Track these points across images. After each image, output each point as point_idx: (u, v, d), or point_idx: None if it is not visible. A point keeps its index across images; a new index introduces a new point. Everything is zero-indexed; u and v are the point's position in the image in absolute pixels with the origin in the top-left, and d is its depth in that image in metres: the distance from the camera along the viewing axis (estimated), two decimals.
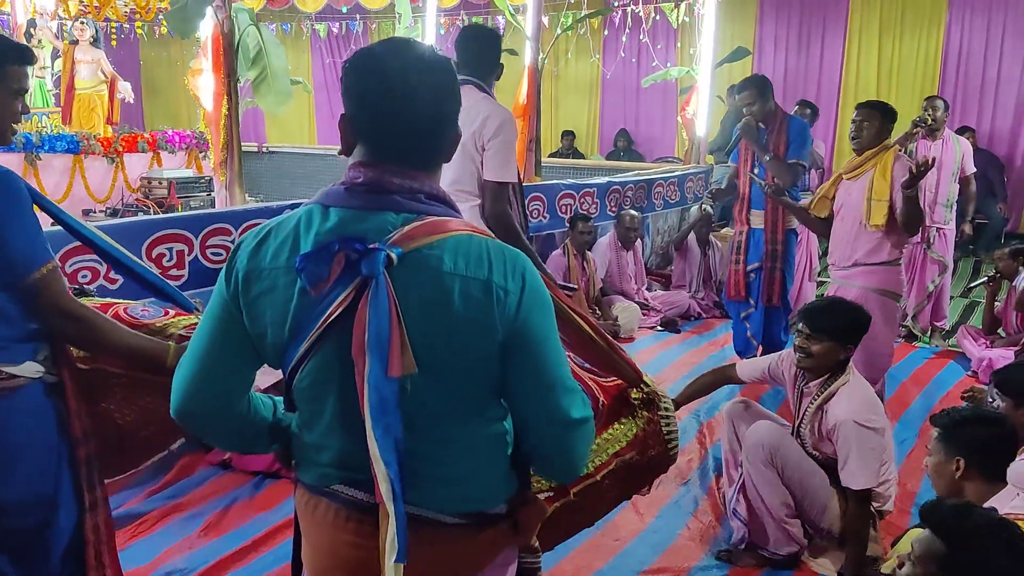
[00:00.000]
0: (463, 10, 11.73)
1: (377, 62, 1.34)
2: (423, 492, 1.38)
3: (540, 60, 7.20)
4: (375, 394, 1.26)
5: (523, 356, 1.35)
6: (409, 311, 1.27)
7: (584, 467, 1.56)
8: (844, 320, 3.07)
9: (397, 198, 1.33)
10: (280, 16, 12.89)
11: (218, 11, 4.86)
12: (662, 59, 10.53)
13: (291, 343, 1.33)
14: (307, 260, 1.27)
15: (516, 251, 1.37)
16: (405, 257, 1.28)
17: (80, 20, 8.73)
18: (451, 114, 1.39)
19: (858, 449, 2.90)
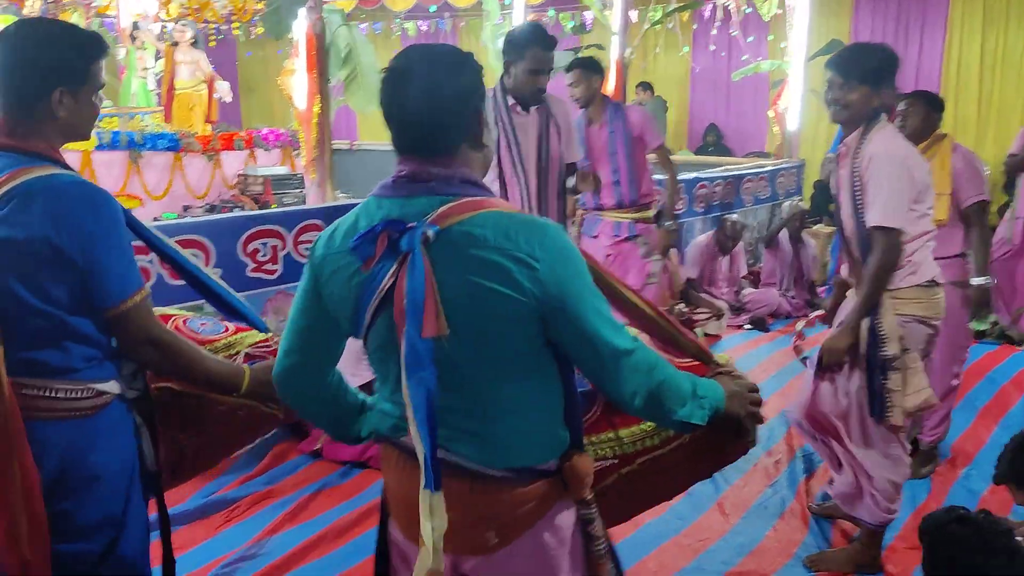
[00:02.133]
0: (551, 6, 11.73)
1: (388, 68, 1.55)
2: (472, 446, 1.54)
3: (627, 55, 7.14)
4: (410, 351, 1.42)
5: (562, 315, 1.47)
6: (446, 280, 1.43)
7: (638, 400, 1.54)
8: (874, 61, 2.91)
9: (433, 184, 1.50)
10: (371, 15, 13.10)
11: (311, 12, 4.98)
12: (753, 53, 10.33)
13: (357, 314, 1.53)
14: (358, 241, 1.48)
15: (545, 221, 1.52)
16: (441, 233, 1.44)
17: (181, 22, 9.03)
18: (452, 102, 1.51)
19: (888, 182, 2.78)
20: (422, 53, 1.56)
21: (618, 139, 4.60)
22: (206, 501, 3.56)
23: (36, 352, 1.82)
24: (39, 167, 1.81)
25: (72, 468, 1.86)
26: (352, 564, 3.14)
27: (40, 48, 1.84)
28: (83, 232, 1.78)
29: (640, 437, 1.81)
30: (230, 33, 12.29)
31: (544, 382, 1.58)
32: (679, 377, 1.59)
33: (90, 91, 1.90)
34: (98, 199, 1.82)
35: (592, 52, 10.60)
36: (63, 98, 1.84)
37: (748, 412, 1.73)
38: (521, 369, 1.53)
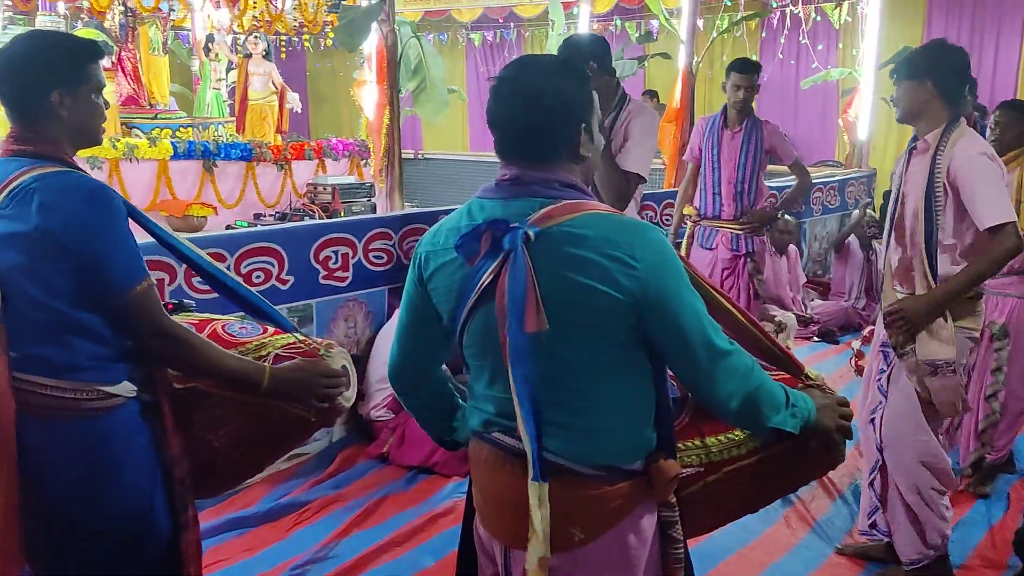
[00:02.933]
0: (616, 15, 11.73)
1: (496, 77, 1.61)
2: (564, 441, 1.58)
3: (695, 64, 7.11)
4: (513, 347, 1.50)
5: (659, 313, 1.51)
6: (546, 278, 1.49)
7: (734, 403, 1.56)
8: (941, 58, 2.87)
9: (535, 187, 1.57)
10: (437, 26, 13.26)
11: (382, 25, 5.07)
12: (822, 60, 10.19)
13: (457, 308, 1.62)
14: (463, 239, 1.55)
15: (644, 223, 1.58)
16: (542, 233, 1.51)
17: (253, 35, 9.26)
18: (550, 113, 1.56)
19: (988, 182, 2.74)
20: (528, 63, 1.64)
21: (750, 149, 4.59)
22: (276, 504, 3.63)
23: (40, 348, 1.85)
24: (42, 166, 1.88)
25: (85, 469, 1.88)
26: (420, 568, 3.18)
27: (35, 53, 1.92)
28: (80, 224, 1.81)
29: (727, 446, 1.79)
30: (300, 45, 12.56)
31: (637, 381, 1.62)
32: (773, 384, 1.62)
33: (89, 91, 1.95)
34: (95, 192, 1.85)
35: (657, 61, 10.59)
36: (63, 99, 1.91)
37: (838, 426, 1.73)
38: (615, 366, 1.57)
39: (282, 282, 3.90)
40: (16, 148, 1.93)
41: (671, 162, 6.93)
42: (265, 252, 3.84)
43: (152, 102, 8.55)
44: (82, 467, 1.89)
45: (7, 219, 1.83)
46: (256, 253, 3.80)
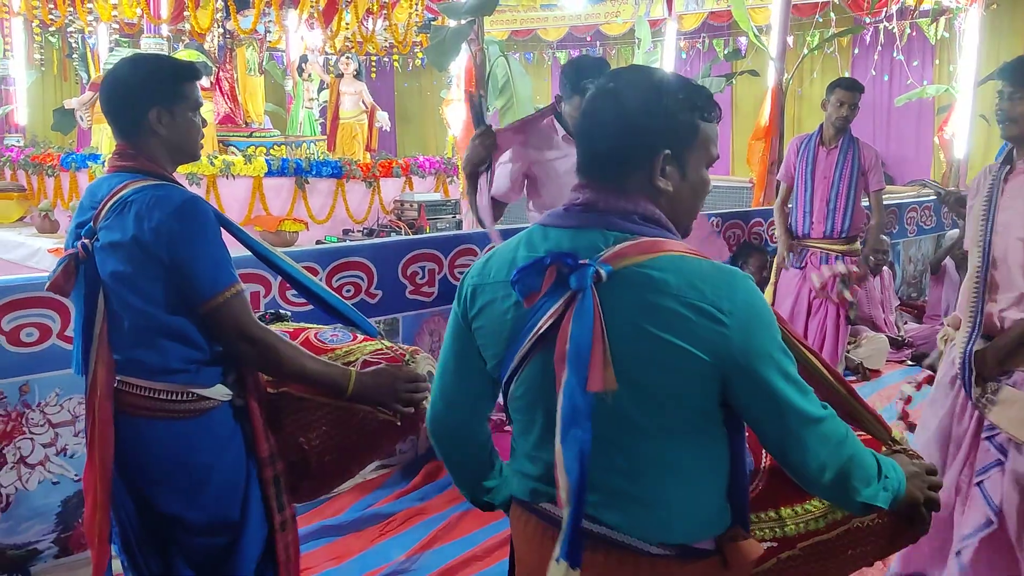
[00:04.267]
0: (704, 33, 11.65)
1: (595, 84, 1.44)
2: (627, 514, 1.38)
3: (785, 81, 7.00)
4: (568, 405, 1.28)
5: (748, 377, 1.32)
6: (617, 327, 1.29)
7: (826, 475, 1.37)
8: None
9: (611, 218, 1.37)
10: (523, 45, 13.38)
11: (471, 44, 5.13)
12: (917, 77, 9.93)
13: (507, 354, 1.41)
14: (522, 273, 1.34)
15: (735, 271, 1.36)
16: (615, 274, 1.30)
17: (345, 55, 9.48)
18: (634, 132, 1.38)
19: None
20: (624, 74, 1.45)
21: (846, 167, 4.53)
22: (362, 514, 3.68)
23: (137, 351, 1.95)
24: (141, 180, 1.98)
25: (177, 469, 1.98)
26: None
27: (134, 75, 2.04)
28: (169, 232, 1.90)
29: (804, 519, 1.64)
30: (390, 65, 12.81)
31: (713, 448, 1.43)
32: (865, 452, 1.43)
33: (186, 109, 2.06)
34: (185, 202, 1.93)
35: (746, 78, 10.47)
36: (160, 116, 2.01)
37: (927, 497, 1.55)
38: (689, 432, 1.38)
39: (371, 296, 3.97)
40: (120, 164, 2.05)
41: (759, 181, 6.83)
42: (355, 267, 3.92)
43: (248, 121, 8.82)
44: (177, 467, 1.98)
45: (107, 230, 1.95)
46: (347, 268, 3.88)
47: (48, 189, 7.83)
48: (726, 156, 13.73)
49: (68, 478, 3.16)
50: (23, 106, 9.57)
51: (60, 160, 7.70)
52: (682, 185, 1.41)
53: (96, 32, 9.27)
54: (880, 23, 9.29)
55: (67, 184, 7.62)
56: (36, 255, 6.73)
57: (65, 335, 3.06)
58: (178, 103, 2.04)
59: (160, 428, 1.96)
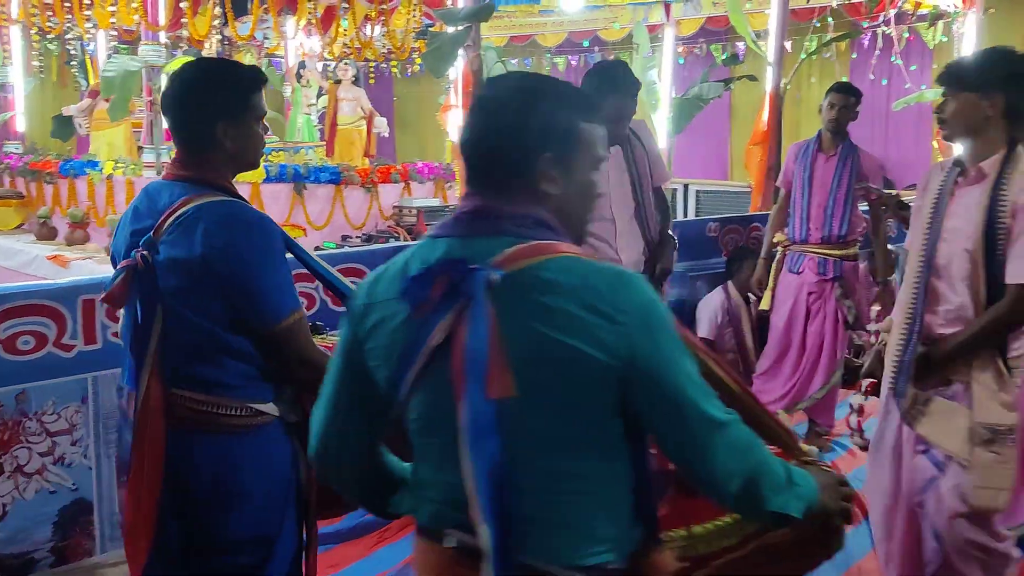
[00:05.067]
0: (702, 38, 11.66)
1: (474, 97, 1.44)
2: (536, 539, 1.30)
3: (783, 86, 7.01)
4: (473, 416, 1.24)
5: (648, 380, 1.28)
6: (513, 333, 1.25)
7: (733, 484, 1.31)
8: (985, 65, 2.54)
9: (501, 224, 1.34)
10: (522, 52, 13.38)
11: (468, 50, 5.14)
12: (916, 81, 9.93)
13: (401, 373, 1.33)
14: (411, 283, 1.30)
15: (630, 272, 1.34)
16: (508, 278, 1.26)
17: (343, 61, 9.51)
18: (511, 136, 1.35)
19: None
20: (501, 81, 1.44)
21: (845, 173, 4.52)
22: (360, 522, 3.66)
23: (194, 366, 1.94)
24: (206, 195, 1.96)
25: (223, 483, 1.96)
26: None
27: (201, 85, 2.02)
28: (237, 254, 1.90)
29: (716, 536, 1.58)
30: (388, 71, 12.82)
31: (615, 463, 1.36)
32: (774, 460, 1.37)
33: (251, 119, 2.04)
34: (255, 224, 1.93)
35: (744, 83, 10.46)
36: (227, 129, 1.98)
37: (840, 508, 1.49)
38: (591, 445, 1.32)
39: None
40: (182, 174, 2.01)
41: (757, 186, 6.84)
42: (354, 273, 3.91)
43: None
44: (225, 481, 1.97)
45: (171, 244, 1.92)
46: (346, 274, 3.82)
47: (47, 196, 7.84)
48: (725, 161, 13.72)
49: (66, 487, 3.15)
50: (22, 113, 9.57)
51: (59, 167, 7.71)
52: (569, 188, 1.38)
53: (95, 39, 9.27)
54: (878, 27, 9.30)
55: (66, 191, 7.62)
56: (34, 262, 6.74)
57: (62, 343, 3.06)
58: (245, 115, 2.03)
59: (211, 442, 1.96)
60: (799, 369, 4.72)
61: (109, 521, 3.24)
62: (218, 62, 2.18)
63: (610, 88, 3.52)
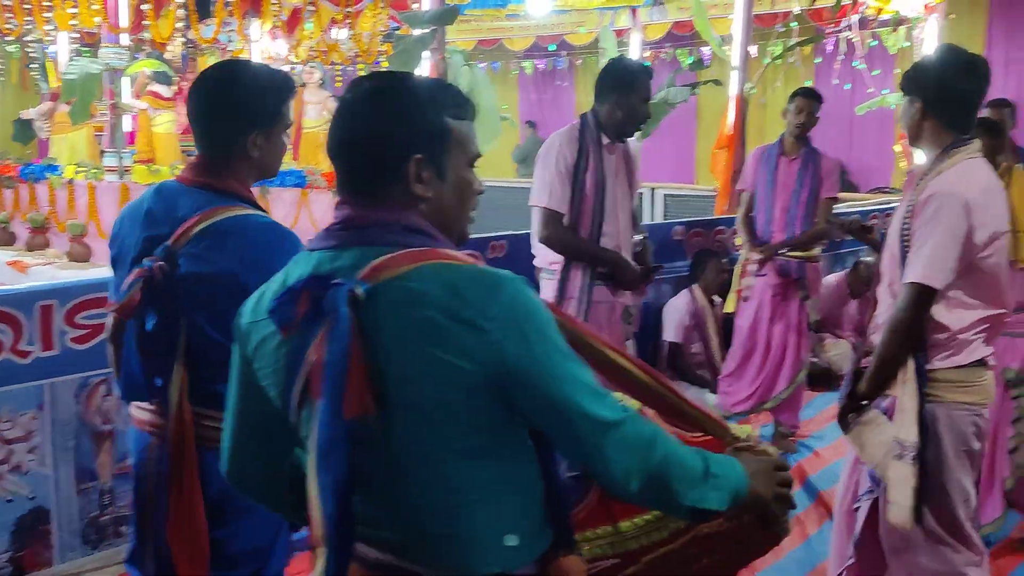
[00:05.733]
0: (668, 43, 11.74)
1: (340, 97, 1.37)
2: (432, 550, 1.28)
3: (747, 90, 7.07)
4: (324, 434, 1.20)
5: (524, 385, 1.24)
6: (383, 346, 1.21)
7: (633, 484, 1.26)
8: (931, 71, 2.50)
9: (371, 232, 1.29)
10: (490, 55, 13.40)
11: (434, 53, 5.13)
12: (878, 86, 10.05)
13: (287, 391, 1.30)
14: (276, 303, 1.26)
15: (499, 274, 1.27)
16: (375, 291, 1.22)
17: (309, 64, 9.45)
18: (378, 139, 1.30)
19: (930, 233, 2.30)
20: (364, 82, 1.36)
21: (807, 176, 4.57)
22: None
23: (215, 384, 1.85)
24: (233, 207, 1.91)
25: (229, 499, 1.91)
26: None
27: (237, 93, 1.95)
28: (270, 272, 1.83)
29: (645, 530, 1.53)
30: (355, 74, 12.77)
31: (515, 467, 1.32)
32: (686, 453, 1.32)
33: (281, 130, 2.00)
34: (286, 241, 1.88)
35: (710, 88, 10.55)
36: (258, 139, 1.94)
37: (777, 494, 1.42)
38: (483, 453, 1.27)
39: None
40: (204, 180, 1.95)
41: (723, 189, 6.88)
42: None
43: None
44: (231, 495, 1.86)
45: (196, 259, 1.86)
46: None
47: (7, 201, 7.70)
48: (691, 165, 13.82)
49: (23, 496, 3.09)
50: None
51: (19, 171, 7.59)
52: (443, 189, 1.34)
53: (55, 41, 9.14)
54: (841, 33, 9.41)
55: (26, 195, 7.50)
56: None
57: (18, 349, 3.00)
58: (276, 125, 1.99)
59: None
60: (764, 370, 4.76)
61: (68, 530, 3.18)
62: (255, 68, 2.11)
63: (641, 68, 3.62)
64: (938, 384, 2.40)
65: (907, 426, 2.37)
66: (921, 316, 2.36)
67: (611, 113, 3.50)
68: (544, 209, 3.41)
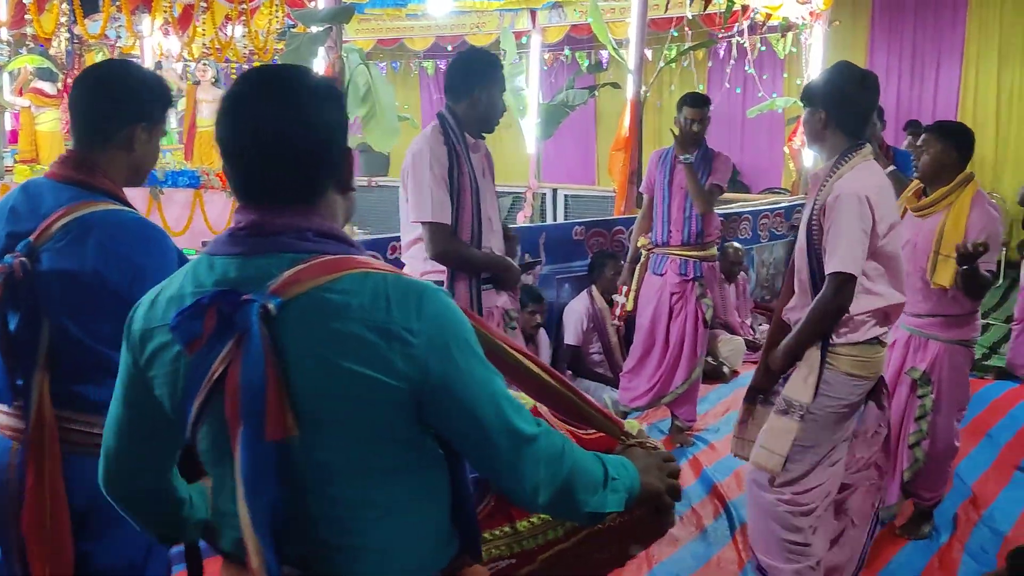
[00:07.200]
0: (567, 45, 11.86)
1: (227, 96, 1.26)
2: (338, 564, 1.24)
3: (643, 93, 7.21)
4: (249, 460, 1.14)
5: (446, 399, 1.20)
6: (298, 363, 1.15)
7: (541, 496, 1.26)
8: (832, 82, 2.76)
9: (283, 239, 1.21)
10: (390, 55, 13.28)
11: (329, 51, 5.06)
12: (768, 90, 10.39)
13: (185, 404, 1.21)
14: (179, 318, 1.17)
15: (424, 285, 1.23)
16: (289, 304, 1.15)
17: (203, 62, 9.21)
18: (320, 134, 1.24)
19: (846, 226, 2.60)
20: (274, 76, 1.27)
21: (703, 176, 4.66)
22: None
23: (79, 385, 1.83)
24: (100, 202, 1.84)
25: (98, 509, 1.83)
26: None
27: (131, 83, 1.92)
28: (132, 266, 1.79)
29: (541, 529, 1.55)
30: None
31: (428, 478, 1.30)
32: (588, 461, 1.33)
33: (160, 133, 1.98)
34: (151, 236, 1.84)
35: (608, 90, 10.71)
36: (142, 134, 1.91)
37: (667, 486, 1.46)
38: (399, 467, 1.25)
39: None
40: (71, 175, 1.87)
41: (620, 190, 7.00)
42: None
43: None
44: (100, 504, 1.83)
45: (57, 254, 1.78)
46: None
47: None
48: (592, 166, 14.01)
49: None
50: None
51: None
52: (351, 191, 1.32)
53: None
54: (732, 38, 9.69)
55: None
56: None
57: None
58: (159, 125, 1.96)
59: (90, 465, 1.83)
60: (662, 366, 4.86)
61: None
62: (145, 68, 2.10)
63: (490, 78, 3.32)
64: (837, 356, 2.75)
65: (803, 388, 2.73)
66: (847, 301, 2.66)
67: (471, 109, 3.28)
68: (432, 224, 3.14)
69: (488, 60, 3.41)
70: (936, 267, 3.41)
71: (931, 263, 3.42)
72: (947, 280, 3.37)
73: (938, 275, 3.40)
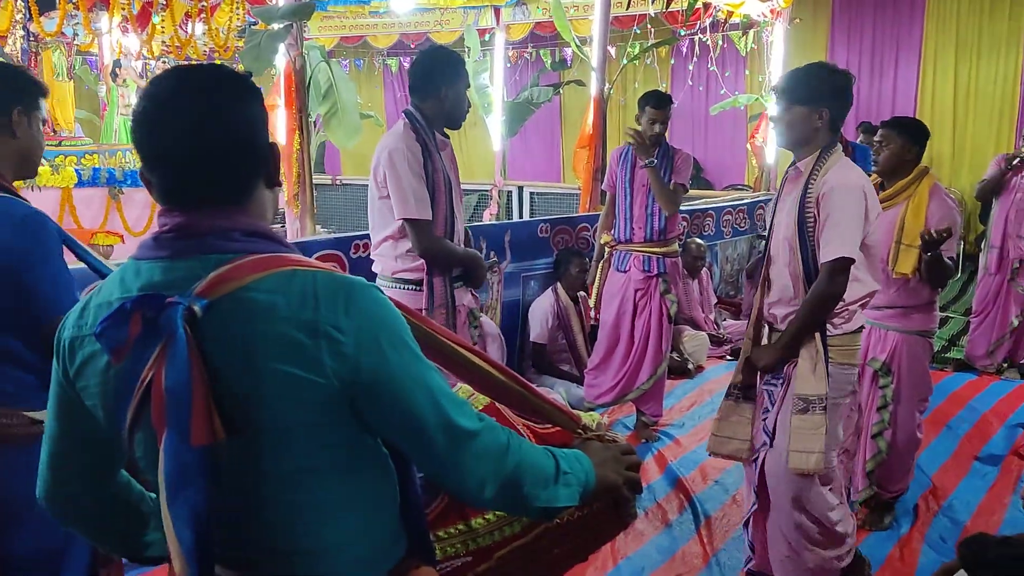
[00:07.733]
0: (531, 43, 11.85)
1: (144, 97, 1.22)
2: (286, 568, 1.24)
3: (606, 90, 7.22)
4: (173, 465, 1.11)
5: (379, 397, 1.18)
6: (226, 365, 1.13)
7: (487, 492, 1.25)
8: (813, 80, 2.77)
9: (209, 240, 1.18)
10: (353, 52, 13.20)
11: (290, 49, 5.01)
12: (730, 87, 10.46)
13: (118, 412, 1.19)
14: (103, 325, 1.13)
15: (352, 281, 1.20)
16: (215, 305, 1.13)
17: (162, 59, 9.08)
18: (225, 136, 1.20)
19: (846, 215, 2.69)
20: (192, 75, 1.23)
21: (664, 173, 4.66)
22: None
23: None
24: None
25: (10, 495, 1.84)
26: None
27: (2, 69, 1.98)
28: (11, 251, 1.80)
29: (497, 526, 1.53)
30: None
31: (371, 478, 1.28)
32: (537, 455, 1.31)
33: (39, 120, 1.99)
34: (30, 219, 1.85)
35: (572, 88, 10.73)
36: (20, 118, 1.93)
37: (626, 479, 1.44)
38: (334, 467, 1.22)
39: None
40: None
41: (584, 187, 7.00)
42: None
43: (56, 128, 8.29)
44: (7, 493, 1.83)
45: None
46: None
47: None
48: (557, 163, 14.03)
49: None
50: None
51: None
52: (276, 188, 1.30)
53: None
54: (695, 35, 9.75)
55: None
56: None
57: None
58: (36, 111, 1.97)
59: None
60: (627, 362, 4.87)
61: None
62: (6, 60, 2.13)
63: (455, 75, 3.34)
64: (833, 348, 2.79)
65: (815, 382, 2.73)
66: (842, 288, 2.71)
67: (438, 106, 3.30)
68: (417, 221, 3.19)
69: (452, 57, 3.40)
70: (898, 256, 3.52)
71: (892, 253, 3.53)
72: (909, 268, 3.49)
73: (900, 264, 3.51)
